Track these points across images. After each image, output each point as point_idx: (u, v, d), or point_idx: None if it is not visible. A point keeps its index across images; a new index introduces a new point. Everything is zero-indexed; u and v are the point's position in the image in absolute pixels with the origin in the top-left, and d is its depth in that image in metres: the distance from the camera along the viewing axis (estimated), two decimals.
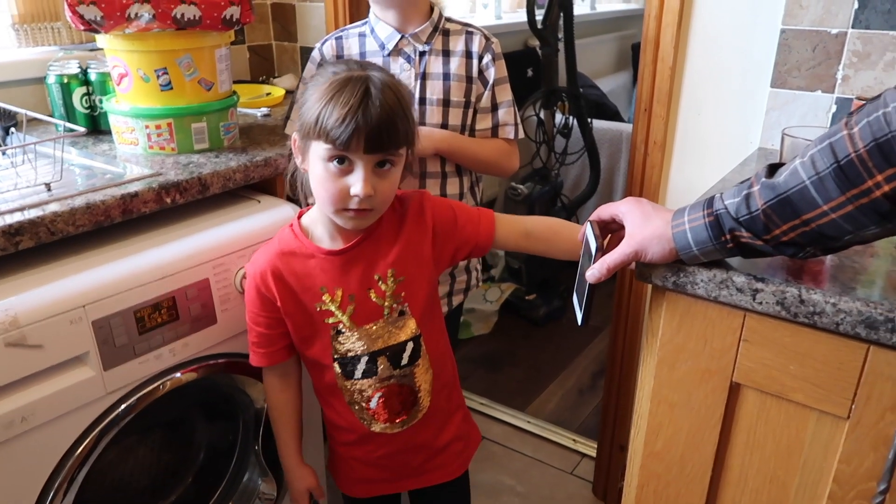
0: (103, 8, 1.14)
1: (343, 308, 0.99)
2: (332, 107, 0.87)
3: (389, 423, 1.06)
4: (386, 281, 1.00)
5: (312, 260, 0.99)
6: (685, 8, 1.40)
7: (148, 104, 1.26)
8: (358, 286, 0.99)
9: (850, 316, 0.76)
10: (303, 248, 1.00)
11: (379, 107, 0.87)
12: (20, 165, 1.16)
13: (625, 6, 4.24)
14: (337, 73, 0.90)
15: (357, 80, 0.88)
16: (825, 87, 1.31)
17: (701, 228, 0.77)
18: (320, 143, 0.89)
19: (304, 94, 0.93)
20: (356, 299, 0.99)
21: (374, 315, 1.00)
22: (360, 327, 1.00)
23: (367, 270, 0.99)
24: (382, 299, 1.00)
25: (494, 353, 2.46)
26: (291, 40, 1.99)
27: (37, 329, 0.91)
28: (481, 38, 1.29)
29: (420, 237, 1.02)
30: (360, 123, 0.86)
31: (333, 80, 0.89)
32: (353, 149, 0.88)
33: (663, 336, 0.91)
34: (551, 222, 1.08)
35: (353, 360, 1.01)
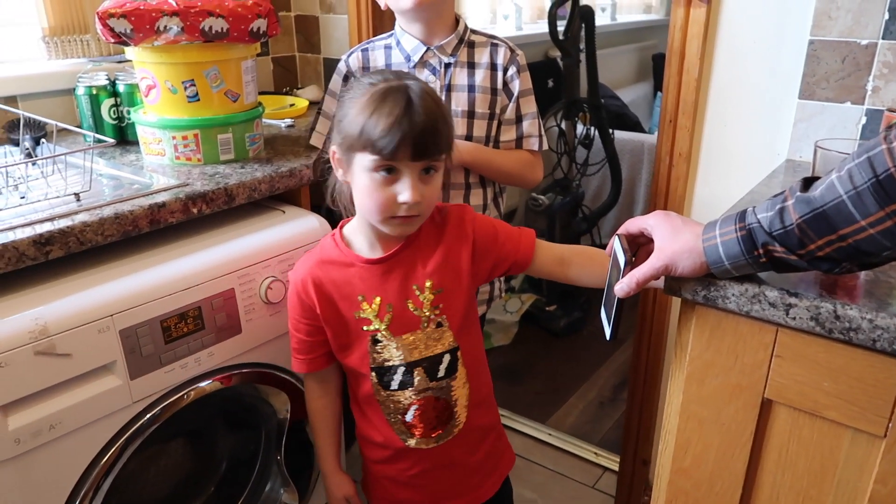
0: (133, 21, 1.15)
1: (381, 317, 0.99)
2: (376, 118, 0.87)
3: (425, 437, 1.05)
4: (424, 291, 0.99)
5: (352, 268, 1.00)
6: (711, 19, 1.39)
7: (175, 115, 1.27)
8: (396, 296, 0.99)
9: (888, 333, 0.74)
10: (343, 256, 1.00)
11: (422, 114, 0.88)
12: (50, 175, 1.18)
13: (646, 17, 4.22)
14: (374, 84, 0.90)
15: (397, 90, 0.89)
16: (854, 98, 1.29)
17: (733, 242, 0.76)
18: (366, 155, 0.89)
19: (343, 107, 0.93)
20: (394, 308, 0.99)
21: (411, 325, 1.00)
22: (397, 337, 1.00)
23: (405, 280, 0.99)
24: (420, 310, 1.00)
25: (515, 364, 2.45)
26: (315, 52, 2.00)
27: (66, 338, 0.92)
28: (506, 51, 1.29)
29: (459, 250, 1.01)
30: (405, 132, 0.87)
31: (373, 92, 0.89)
32: (399, 157, 0.88)
33: (693, 351, 0.90)
34: (586, 249, 1.08)
35: (389, 371, 1.01)
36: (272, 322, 1.19)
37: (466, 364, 1.05)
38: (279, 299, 1.18)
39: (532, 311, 2.68)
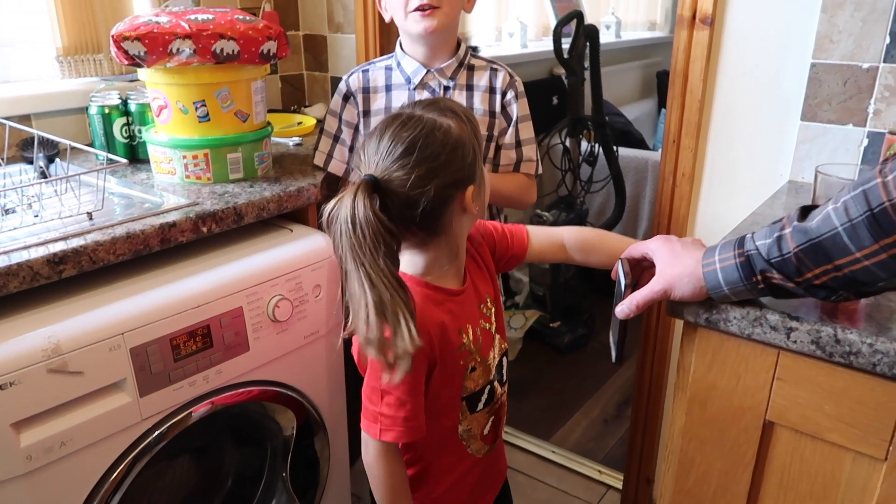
0: (147, 44, 1.18)
1: (475, 344, 0.97)
2: (472, 115, 0.94)
3: (492, 444, 1.06)
4: (488, 306, 1.02)
5: (445, 304, 0.94)
6: (714, 41, 1.41)
7: (185, 135, 1.29)
8: (475, 320, 0.98)
9: (888, 357, 0.75)
10: (434, 294, 0.92)
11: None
12: (64, 194, 1.20)
13: (650, 34, 4.25)
14: (425, 119, 0.87)
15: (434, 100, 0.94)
16: (856, 120, 1.30)
17: (732, 268, 0.78)
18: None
19: (446, 157, 0.86)
20: (480, 332, 0.99)
21: (489, 343, 1.01)
22: (484, 359, 1.00)
23: (476, 302, 1.00)
24: (490, 325, 1.01)
25: (519, 380, 2.45)
26: (322, 70, 2.03)
27: (78, 356, 0.93)
28: (505, 75, 1.32)
29: (484, 259, 1.05)
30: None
31: (438, 111, 0.91)
32: None
33: (695, 372, 0.91)
34: (587, 234, 1.09)
35: (479, 393, 1.00)
36: (279, 340, 1.21)
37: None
38: (286, 317, 1.20)
39: (536, 328, 2.68)
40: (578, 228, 1.11)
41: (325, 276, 1.27)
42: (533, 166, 1.36)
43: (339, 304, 1.31)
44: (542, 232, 1.10)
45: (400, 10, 1.23)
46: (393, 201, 0.83)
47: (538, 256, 1.10)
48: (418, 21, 1.21)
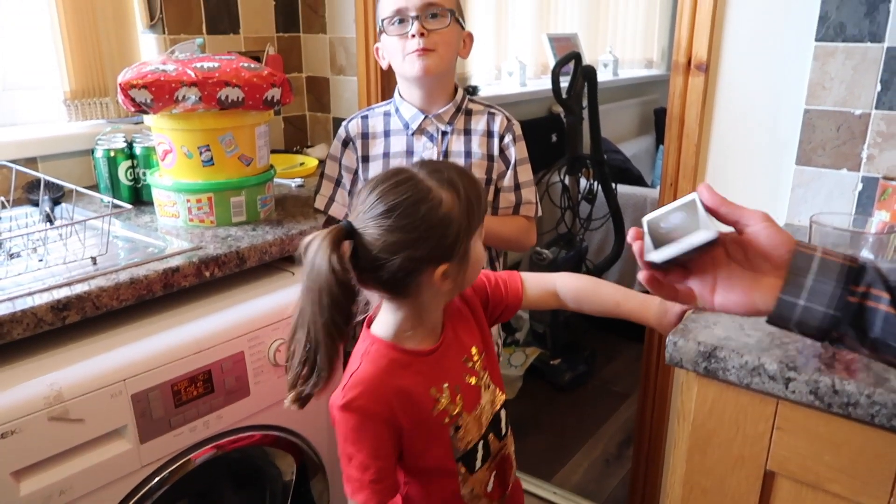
0: (153, 91, 1.20)
1: (455, 402, 0.95)
2: (471, 192, 0.89)
3: (500, 498, 1.04)
4: (473, 360, 1.00)
5: (413, 367, 0.93)
6: (709, 87, 1.44)
7: (190, 179, 1.31)
8: (456, 375, 0.97)
9: (886, 408, 0.76)
10: (401, 358, 0.92)
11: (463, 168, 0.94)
12: (68, 238, 1.21)
13: (647, 72, 4.32)
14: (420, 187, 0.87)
15: (444, 168, 0.90)
16: (850, 165, 1.32)
17: (830, 277, 0.61)
18: (476, 231, 0.91)
19: (426, 230, 0.84)
20: (461, 388, 0.96)
21: (476, 398, 0.98)
22: (471, 415, 0.97)
23: (457, 358, 0.98)
24: (477, 378, 0.99)
25: (519, 419, 2.44)
26: (325, 111, 2.07)
27: (79, 403, 0.94)
28: (503, 119, 1.34)
29: (474, 311, 1.04)
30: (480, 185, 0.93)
31: (438, 183, 0.87)
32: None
33: (695, 420, 0.91)
34: (580, 283, 1.08)
35: (472, 451, 0.98)
36: (280, 384, 1.20)
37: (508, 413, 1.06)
38: None
39: (537, 365, 2.68)
40: (572, 276, 1.10)
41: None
42: (532, 209, 1.37)
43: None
44: (535, 280, 1.09)
45: (397, 55, 1.26)
46: (362, 253, 0.85)
47: (533, 304, 1.09)
48: (414, 62, 1.24)
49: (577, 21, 3.67)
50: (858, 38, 1.26)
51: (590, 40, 3.77)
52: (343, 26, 1.94)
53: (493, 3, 3.07)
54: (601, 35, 3.95)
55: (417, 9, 1.22)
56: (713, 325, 0.92)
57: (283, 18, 1.97)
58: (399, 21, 1.24)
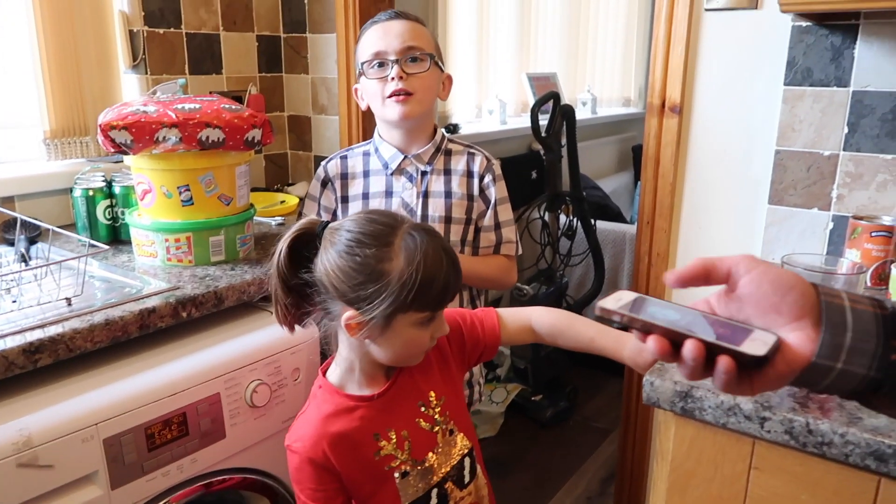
0: (133, 132, 1.21)
1: (402, 448, 0.94)
2: (428, 278, 0.85)
3: None
4: (431, 406, 0.98)
5: (357, 411, 0.93)
6: (683, 128, 1.48)
7: (169, 218, 1.31)
8: (407, 421, 0.95)
9: (859, 448, 0.76)
10: (344, 403, 0.93)
11: (452, 260, 0.89)
12: (43, 279, 1.20)
13: (625, 110, 4.41)
14: (388, 240, 0.86)
15: (427, 244, 0.87)
16: (821, 204, 1.35)
17: (868, 320, 0.51)
18: (414, 314, 0.87)
19: (364, 274, 0.85)
20: (410, 434, 0.95)
21: (429, 444, 0.96)
22: (421, 461, 0.95)
23: (410, 403, 0.96)
24: (432, 425, 0.97)
25: (501, 456, 2.42)
26: (307, 150, 2.08)
27: (49, 449, 0.92)
28: (482, 159, 1.34)
29: (443, 355, 1.02)
30: (450, 282, 0.88)
31: (408, 250, 0.86)
32: (446, 305, 0.92)
33: (674, 461, 0.91)
34: (555, 318, 1.07)
35: (424, 499, 0.96)
36: (257, 426, 1.19)
37: (479, 461, 1.03)
38: (264, 402, 1.19)
39: (518, 401, 2.66)
40: (547, 310, 1.09)
41: (304, 360, 1.26)
42: (513, 247, 1.38)
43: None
44: (511, 315, 1.08)
45: (376, 98, 1.27)
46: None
47: (510, 340, 1.08)
48: (393, 107, 1.25)
49: (556, 61, 3.75)
50: (825, 82, 1.31)
51: (569, 79, 3.85)
52: (325, 67, 1.96)
53: (474, 42, 3.13)
54: (580, 74, 4.03)
55: (397, 52, 1.23)
56: None
57: (265, 59, 1.99)
58: (378, 64, 1.25)
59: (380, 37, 1.25)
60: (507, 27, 3.33)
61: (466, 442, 1.01)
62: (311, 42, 1.97)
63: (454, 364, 1.03)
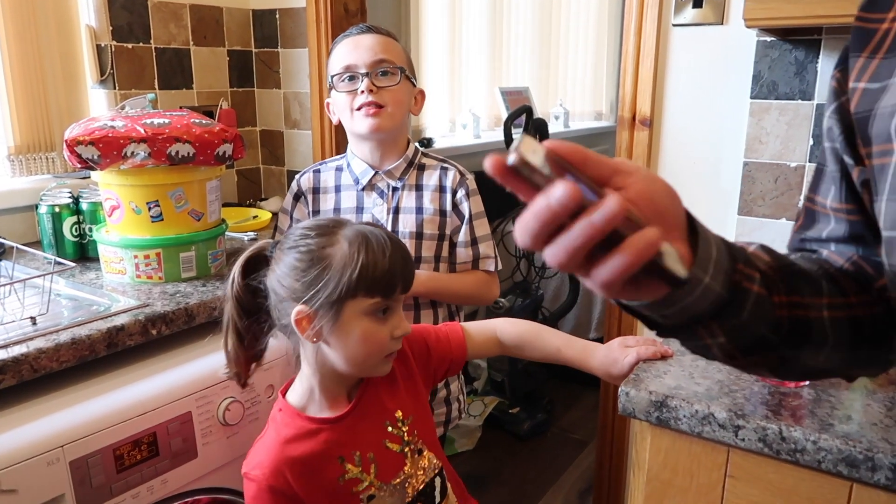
0: (101, 148, 1.19)
1: (367, 470, 0.92)
2: (373, 259, 0.85)
3: None
4: (397, 426, 0.95)
5: (320, 434, 0.91)
6: (653, 141, 1.50)
7: (138, 234, 1.28)
8: (373, 442, 0.93)
9: (831, 454, 0.77)
10: (306, 426, 0.91)
11: (401, 247, 0.89)
12: (7, 297, 1.17)
13: (597, 124, 4.46)
14: (334, 232, 0.87)
15: (370, 233, 0.87)
16: (789, 215, 1.38)
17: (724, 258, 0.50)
18: (363, 300, 0.86)
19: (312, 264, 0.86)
20: (376, 456, 0.92)
21: (397, 465, 0.94)
22: (389, 483, 0.93)
23: (376, 423, 0.94)
24: (400, 445, 0.95)
25: (479, 470, 2.41)
26: (279, 164, 2.06)
27: (12, 473, 0.89)
28: (455, 174, 1.32)
29: (408, 371, 1.00)
30: (399, 266, 0.87)
31: (352, 237, 0.86)
32: (395, 293, 0.88)
33: (650, 471, 0.91)
34: (521, 329, 1.07)
35: None
36: (230, 444, 1.17)
37: (450, 480, 1.01)
38: (237, 420, 1.16)
39: (495, 414, 2.66)
40: (513, 321, 1.09)
41: (277, 376, 1.24)
42: (491, 262, 1.35)
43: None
44: (476, 328, 1.07)
45: (346, 111, 1.26)
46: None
47: (476, 354, 1.07)
48: (363, 120, 1.24)
49: (528, 75, 3.79)
50: (790, 95, 1.33)
51: (541, 93, 3.89)
52: (297, 81, 1.96)
53: (447, 56, 3.15)
54: (552, 88, 4.08)
55: (367, 66, 1.23)
56: (664, 374, 0.94)
57: (237, 73, 1.98)
58: (349, 78, 1.25)
59: (350, 50, 1.25)
60: (479, 42, 3.36)
61: (436, 461, 0.99)
62: (283, 56, 1.96)
63: (420, 380, 1.02)
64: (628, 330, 1.59)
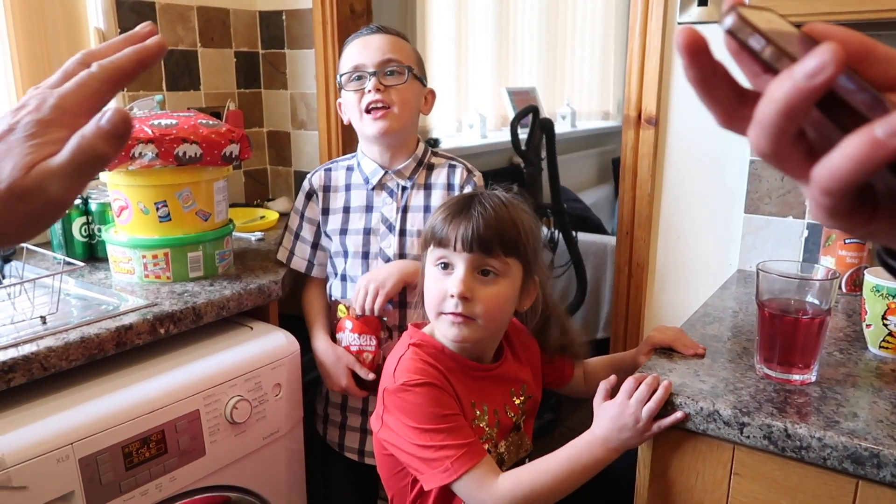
0: None
1: (492, 425, 0.97)
2: (442, 215, 0.96)
3: None
4: (519, 396, 1.02)
5: (459, 373, 0.96)
6: (659, 139, 1.50)
7: (146, 235, 1.29)
8: (499, 402, 0.99)
9: (836, 451, 0.77)
10: (449, 359, 0.96)
11: (485, 210, 0.94)
12: (18, 297, 1.18)
13: (604, 124, 4.46)
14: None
15: (471, 196, 0.98)
16: (796, 213, 1.37)
17: None
18: (431, 250, 0.96)
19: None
20: (499, 414, 0.99)
21: (508, 430, 1.00)
22: (497, 447, 0.99)
23: (505, 386, 1.01)
24: (516, 415, 1.01)
25: None
26: (286, 165, 2.07)
27: (23, 469, 0.90)
28: (463, 171, 1.33)
29: (535, 358, 1.09)
30: (462, 222, 0.93)
31: (449, 202, 0.99)
32: (454, 248, 0.93)
33: (656, 468, 0.91)
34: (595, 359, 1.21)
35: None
36: (237, 442, 1.18)
37: None
38: (244, 419, 1.17)
39: None
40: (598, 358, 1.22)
41: (284, 375, 1.25)
42: None
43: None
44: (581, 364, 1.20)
45: (355, 112, 1.27)
46: None
47: (576, 387, 1.22)
48: (371, 123, 1.25)
49: (535, 75, 3.79)
50: None
51: (548, 93, 3.89)
52: (304, 82, 1.97)
53: (454, 57, 3.15)
54: (559, 88, 4.08)
55: (375, 65, 1.24)
56: (669, 371, 0.94)
57: (243, 75, 1.99)
58: (357, 77, 1.26)
59: (360, 50, 1.26)
60: (485, 42, 3.37)
61: (530, 444, 1.05)
62: (290, 58, 1.97)
63: (538, 375, 1.10)
64: (635, 330, 1.59)
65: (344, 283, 1.34)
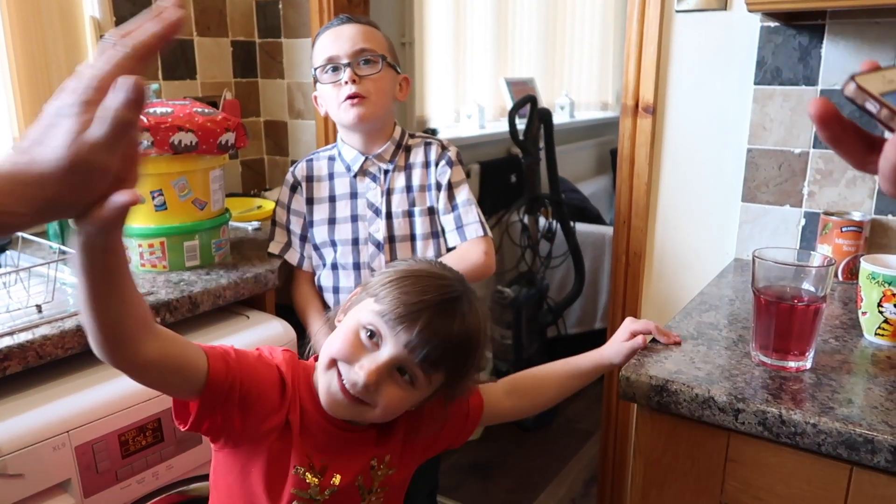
0: None
1: (323, 489, 0.79)
2: (407, 289, 0.77)
3: None
4: (380, 467, 0.84)
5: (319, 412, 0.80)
6: (657, 128, 1.49)
7: (142, 224, 1.29)
8: (349, 470, 0.81)
9: (831, 437, 0.77)
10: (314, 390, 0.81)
11: (457, 324, 0.77)
12: (13, 286, 1.18)
13: (603, 114, 4.44)
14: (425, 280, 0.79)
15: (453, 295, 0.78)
16: (793, 202, 1.37)
17: None
18: (371, 302, 0.78)
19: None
20: (340, 483, 0.80)
21: (351, 502, 0.82)
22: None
23: (366, 454, 0.83)
24: (366, 489, 0.83)
25: (485, 460, 2.41)
26: (283, 154, 2.07)
27: (19, 457, 0.90)
28: (437, 147, 1.34)
29: (415, 429, 0.88)
30: (424, 320, 0.74)
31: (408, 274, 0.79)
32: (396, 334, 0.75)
33: (651, 455, 0.92)
34: (523, 373, 1.01)
35: None
36: None
37: None
38: None
39: None
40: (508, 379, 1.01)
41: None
42: (478, 227, 1.30)
43: None
44: (490, 397, 0.96)
45: (332, 103, 1.28)
46: None
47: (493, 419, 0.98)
48: (348, 110, 1.26)
49: (533, 65, 3.77)
50: (794, 81, 1.33)
51: (546, 84, 3.87)
52: (300, 72, 1.96)
53: (452, 47, 3.14)
54: (557, 79, 4.06)
55: (349, 56, 1.24)
56: (664, 359, 0.94)
57: (240, 64, 1.98)
58: (332, 69, 1.26)
59: (332, 41, 1.27)
60: (484, 32, 3.35)
61: None
62: (287, 47, 1.96)
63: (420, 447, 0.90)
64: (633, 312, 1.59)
65: (335, 271, 1.34)
